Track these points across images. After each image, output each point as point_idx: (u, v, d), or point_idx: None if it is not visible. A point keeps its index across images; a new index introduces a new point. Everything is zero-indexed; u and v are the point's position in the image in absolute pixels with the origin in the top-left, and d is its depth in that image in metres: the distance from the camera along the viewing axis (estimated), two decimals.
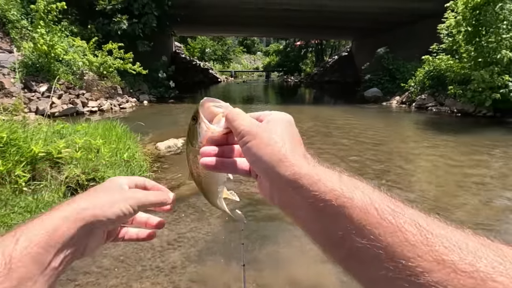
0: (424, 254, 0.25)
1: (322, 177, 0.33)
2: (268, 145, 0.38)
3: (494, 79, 6.77)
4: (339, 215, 0.30)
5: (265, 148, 0.37)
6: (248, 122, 0.41)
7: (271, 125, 0.40)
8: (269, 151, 0.37)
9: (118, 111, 8.58)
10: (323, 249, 0.34)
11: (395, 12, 13.21)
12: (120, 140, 3.45)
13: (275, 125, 0.40)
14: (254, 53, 46.72)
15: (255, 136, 0.39)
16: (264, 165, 0.37)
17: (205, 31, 24.81)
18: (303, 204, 0.34)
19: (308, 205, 0.33)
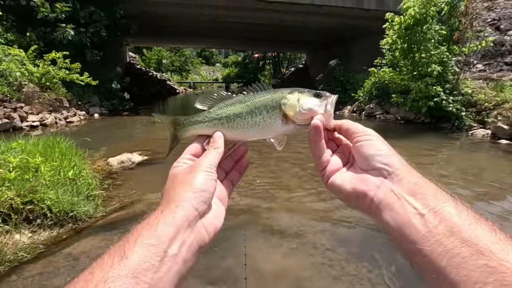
0: None
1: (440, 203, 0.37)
2: (391, 150, 0.44)
3: (428, 89, 7.62)
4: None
5: (392, 151, 0.43)
6: (366, 127, 0.47)
7: (378, 136, 0.46)
8: (397, 155, 0.43)
9: (64, 126, 7.90)
10: (403, 246, 0.37)
11: (344, 28, 14.30)
12: (65, 157, 3.16)
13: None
14: (213, 64, 46.76)
15: (379, 138, 0.45)
16: (389, 160, 0.42)
17: (161, 42, 24.24)
18: (418, 205, 0.37)
19: (426, 233, 0.35)
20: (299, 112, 0.50)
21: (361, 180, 0.43)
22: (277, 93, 0.53)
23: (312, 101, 0.50)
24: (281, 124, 0.52)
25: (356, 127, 0.47)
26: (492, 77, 8.79)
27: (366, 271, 2.05)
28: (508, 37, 9.91)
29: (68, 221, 2.50)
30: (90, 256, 2.18)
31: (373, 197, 0.41)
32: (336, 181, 0.47)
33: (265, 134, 0.53)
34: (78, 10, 9.73)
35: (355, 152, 0.46)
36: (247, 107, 0.53)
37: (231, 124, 0.53)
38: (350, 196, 0.44)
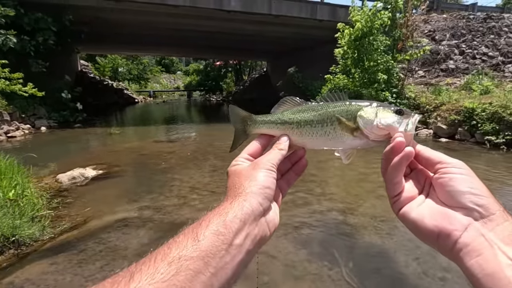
0: None
1: None
2: (487, 190, 0.38)
3: (378, 95, 8.25)
4: None
5: (486, 191, 0.37)
6: (456, 159, 0.42)
7: (470, 170, 0.41)
8: (490, 195, 0.37)
9: (5, 141, 7.13)
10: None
11: (300, 37, 14.94)
12: (4, 176, 2.86)
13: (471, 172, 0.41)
14: (174, 72, 45.71)
15: (471, 173, 0.40)
16: (485, 202, 0.36)
17: (118, 50, 23.16)
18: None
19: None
20: (375, 126, 0.46)
21: (445, 217, 0.38)
22: (354, 104, 0.50)
23: (392, 117, 0.46)
24: (352, 137, 0.49)
25: (441, 157, 0.42)
26: (431, 82, 9.80)
27: (327, 270, 2.14)
28: (442, 46, 11.15)
29: (9, 247, 2.26)
30: (36, 284, 1.98)
31: (458, 238, 0.36)
32: (412, 213, 0.41)
33: (333, 145, 0.52)
34: (22, 16, 8.90)
35: (438, 184, 0.40)
36: (319, 115, 0.52)
37: (300, 130, 0.53)
38: (428, 234, 0.39)
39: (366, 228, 2.76)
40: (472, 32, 11.54)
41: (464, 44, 11.18)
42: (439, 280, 2.04)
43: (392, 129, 0.45)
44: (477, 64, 10.14)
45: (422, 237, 0.40)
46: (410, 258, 2.29)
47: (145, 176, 4.32)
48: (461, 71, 10.20)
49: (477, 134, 6.61)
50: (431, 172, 0.43)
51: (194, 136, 8.27)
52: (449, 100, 7.69)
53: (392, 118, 0.46)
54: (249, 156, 0.52)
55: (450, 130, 7.16)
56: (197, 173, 4.42)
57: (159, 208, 3.16)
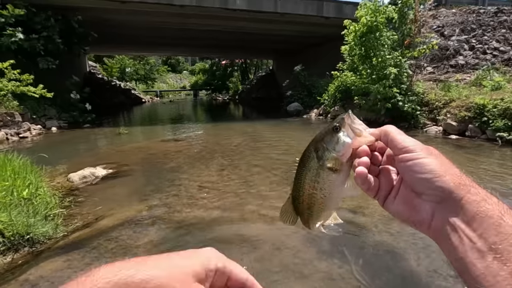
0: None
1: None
2: (447, 166, 0.38)
3: (386, 91, 8.15)
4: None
5: (444, 167, 0.37)
6: (413, 140, 0.41)
7: (435, 151, 0.40)
8: (450, 172, 0.37)
9: (17, 142, 7.29)
10: (464, 278, 0.34)
11: (306, 35, 14.86)
12: (18, 176, 2.92)
13: (437, 152, 0.40)
14: (180, 72, 45.98)
15: (431, 153, 0.39)
16: (440, 183, 0.36)
17: (125, 50, 23.43)
18: (477, 240, 0.33)
19: (483, 245, 0.32)
20: (340, 157, 0.47)
21: (413, 208, 0.40)
22: (307, 160, 0.49)
23: (339, 138, 0.47)
24: (336, 176, 0.48)
25: (396, 140, 0.41)
26: (440, 79, 9.64)
27: (337, 268, 2.13)
28: (451, 42, 10.95)
29: (24, 245, 2.31)
30: (50, 281, 2.03)
31: (429, 225, 0.38)
32: (391, 207, 0.44)
33: (336, 194, 0.49)
34: (32, 16, 9.05)
35: (401, 171, 0.42)
36: (304, 195, 0.50)
37: (316, 215, 0.51)
38: (408, 222, 0.41)
39: (376, 226, 2.74)
40: (483, 26, 11.30)
41: (474, 39, 10.96)
42: (451, 278, 2.01)
43: (349, 146, 0.46)
44: (487, 59, 9.93)
45: (406, 224, 0.42)
46: (421, 256, 2.26)
47: (153, 175, 4.37)
48: (471, 66, 10.00)
49: (488, 131, 6.49)
50: (395, 157, 0.43)
51: (201, 135, 8.31)
52: (459, 97, 7.55)
53: (339, 138, 0.47)
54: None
55: (460, 127, 7.04)
56: (204, 171, 4.44)
57: (168, 206, 3.19)
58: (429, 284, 1.99)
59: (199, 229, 2.71)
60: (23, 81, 8.00)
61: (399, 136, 0.42)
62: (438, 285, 1.97)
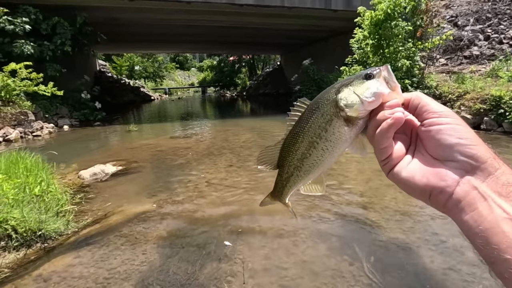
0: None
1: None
2: (476, 137, 0.36)
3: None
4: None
5: (476, 139, 0.35)
6: (444, 107, 0.38)
7: (458, 118, 0.38)
8: (483, 144, 0.35)
9: (31, 140, 7.46)
10: (486, 252, 0.32)
11: (314, 29, 14.63)
12: (30, 173, 2.98)
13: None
14: (188, 69, 46.16)
15: (460, 121, 0.37)
16: (475, 152, 0.34)
17: (133, 49, 23.63)
18: (511, 210, 0.31)
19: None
20: (365, 104, 0.41)
21: (435, 174, 0.36)
22: (322, 103, 0.44)
23: (371, 84, 0.42)
24: (348, 130, 0.43)
25: (430, 104, 0.38)
26: (454, 70, 9.35)
27: (347, 265, 2.09)
28: (465, 32, 10.58)
29: (36, 241, 2.35)
30: (62, 276, 2.06)
31: (451, 194, 0.35)
32: (402, 173, 0.39)
33: (339, 151, 0.45)
34: (40, 21, 9.22)
35: (426, 137, 0.38)
36: (303, 142, 0.45)
37: (304, 171, 0.47)
38: (420, 192, 0.37)
39: (387, 222, 2.68)
40: (499, 15, 10.87)
41: (490, 28, 10.56)
42: (466, 275, 1.94)
43: (380, 95, 0.41)
44: (504, 49, 9.56)
45: (414, 195, 0.39)
46: (435, 253, 2.19)
47: (162, 172, 4.39)
48: (487, 57, 9.65)
49: (505, 123, 6.26)
50: (419, 120, 0.40)
51: (209, 131, 8.32)
52: (473, 88, 7.30)
53: (371, 84, 0.42)
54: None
55: (475, 119, 6.82)
56: (213, 168, 4.44)
57: (177, 203, 3.20)
58: (443, 282, 1.93)
59: (208, 226, 2.70)
60: (34, 80, 8.16)
61: (432, 102, 0.39)
62: (453, 283, 1.91)
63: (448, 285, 1.90)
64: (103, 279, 2.04)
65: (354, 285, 1.89)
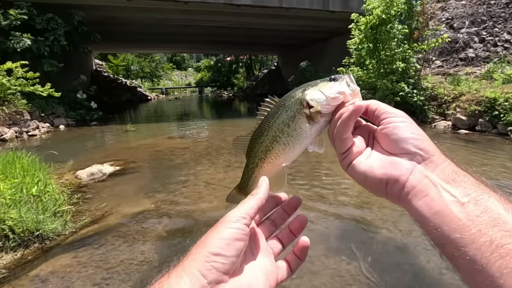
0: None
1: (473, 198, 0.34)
2: (426, 135, 0.40)
3: (393, 86, 8.02)
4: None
5: (425, 135, 0.40)
6: (399, 110, 0.43)
7: (410, 119, 0.42)
8: (429, 139, 0.40)
9: (26, 140, 7.40)
10: (438, 234, 0.35)
11: (312, 30, 14.69)
12: (27, 173, 2.96)
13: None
14: (185, 69, 46.04)
15: (412, 121, 0.41)
16: (425, 145, 0.39)
17: (129, 48, 23.52)
18: (457, 194, 0.34)
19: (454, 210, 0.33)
20: (329, 99, 0.45)
21: (391, 164, 0.39)
22: (288, 100, 0.48)
23: (335, 86, 0.46)
24: (309, 127, 0.47)
25: (385, 107, 0.43)
26: (449, 72, 9.45)
27: (345, 264, 2.11)
28: (461, 34, 10.70)
29: (33, 241, 2.34)
30: (60, 276, 2.05)
31: (405, 182, 0.37)
32: (361, 166, 0.42)
33: (301, 147, 0.48)
34: (35, 17, 9.16)
35: (381, 135, 0.42)
36: (267, 136, 0.49)
37: (268, 163, 0.49)
38: (378, 182, 0.40)
39: (385, 223, 2.70)
40: (494, 18, 11.01)
41: (485, 31, 10.69)
42: None
43: (343, 93, 0.45)
44: (498, 52, 9.68)
45: (371, 187, 0.42)
46: (432, 253, 2.22)
47: (160, 172, 4.38)
48: (482, 59, 9.77)
49: (499, 125, 6.34)
50: (376, 124, 0.44)
51: (207, 132, 8.31)
52: (468, 90, 7.39)
53: (336, 85, 0.46)
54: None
55: (470, 121, 6.90)
56: (211, 168, 4.44)
57: (175, 203, 3.20)
58: (440, 282, 1.95)
59: (206, 225, 2.70)
60: (29, 80, 8.09)
61: (388, 107, 0.44)
62: (449, 282, 1.93)
63: (445, 284, 1.93)
64: (101, 279, 2.04)
65: (352, 285, 1.91)
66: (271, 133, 0.48)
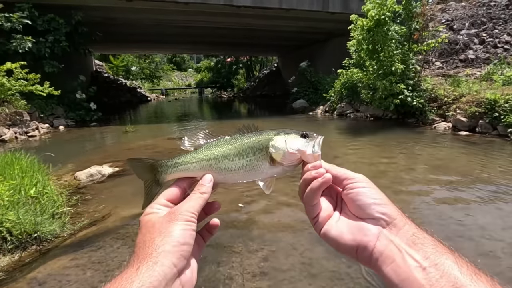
0: None
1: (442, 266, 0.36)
2: (387, 198, 0.43)
3: (393, 87, 8.01)
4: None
5: (386, 199, 0.43)
6: (359, 174, 0.47)
7: (371, 183, 0.46)
8: (391, 203, 0.43)
9: (26, 140, 7.38)
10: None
11: (312, 31, 14.71)
12: (25, 174, 2.94)
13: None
14: (185, 70, 46.07)
15: (372, 184, 0.45)
16: (387, 210, 0.41)
17: (130, 49, 23.52)
18: (419, 258, 0.36)
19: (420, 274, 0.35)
20: (287, 153, 0.49)
21: (359, 230, 0.42)
22: (263, 135, 0.52)
23: (299, 142, 0.50)
24: (269, 166, 0.50)
25: (345, 173, 0.46)
26: (449, 74, 9.45)
27: (345, 267, 2.10)
28: (461, 36, 10.71)
29: (31, 243, 2.32)
30: (57, 279, 2.03)
31: (373, 248, 0.40)
32: (332, 231, 0.44)
33: (252, 177, 0.51)
34: (36, 18, 9.16)
35: (347, 199, 0.45)
36: (234, 148, 0.51)
37: (218, 166, 0.51)
38: (349, 249, 0.42)
39: None
40: (493, 20, 11.02)
41: (485, 32, 10.70)
42: None
43: (302, 153, 0.49)
44: (498, 53, 9.68)
45: (343, 251, 0.44)
46: None
47: None
48: (482, 61, 9.78)
49: (499, 127, 6.33)
50: (339, 187, 0.47)
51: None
52: (469, 92, 7.38)
53: (299, 142, 0.50)
54: (167, 202, 0.47)
55: (470, 123, 6.89)
56: None
57: None
58: None
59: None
60: (30, 81, 8.09)
61: (343, 169, 0.47)
62: None
63: None
64: (100, 282, 2.02)
65: (353, 287, 1.90)
66: (238, 148, 0.51)
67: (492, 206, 3.03)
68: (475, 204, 3.07)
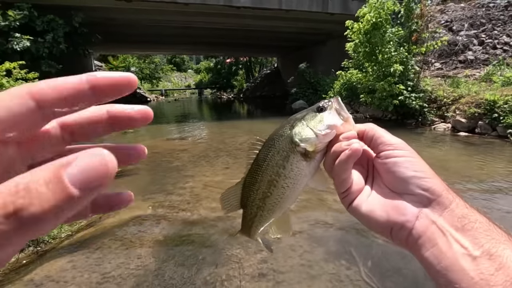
0: None
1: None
2: (431, 170, 0.36)
3: (392, 88, 8.01)
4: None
5: (430, 172, 0.36)
6: (400, 140, 0.39)
7: (412, 151, 0.38)
8: (437, 176, 0.36)
9: None
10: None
11: (311, 32, 14.73)
12: None
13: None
14: (185, 70, 46.09)
15: (414, 153, 0.37)
16: (431, 185, 0.34)
17: (129, 49, 23.53)
18: (468, 245, 0.31)
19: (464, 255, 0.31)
20: (320, 136, 0.41)
21: (394, 208, 0.36)
22: (278, 139, 0.43)
23: (324, 118, 0.42)
24: (306, 164, 0.42)
25: (384, 136, 0.39)
26: (449, 75, 9.46)
27: (345, 269, 2.08)
28: (460, 37, 10.73)
29: (28, 244, 2.30)
30: (55, 281, 2.01)
31: (411, 229, 0.34)
32: (362, 207, 0.39)
33: (300, 187, 0.44)
34: (35, 18, 9.15)
35: (382, 169, 0.38)
36: (262, 181, 0.43)
37: (268, 211, 0.45)
38: (382, 228, 0.37)
39: None
40: (493, 21, 11.04)
41: (484, 33, 10.72)
42: None
43: (334, 127, 0.41)
44: (498, 54, 9.70)
45: (375, 230, 0.38)
46: None
47: (158, 174, 4.35)
48: (481, 62, 9.79)
49: (499, 128, 6.33)
50: (374, 152, 0.40)
51: (206, 133, 8.29)
52: (468, 93, 7.38)
53: (325, 117, 0.42)
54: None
55: (469, 123, 6.89)
56: (209, 170, 4.41)
57: (173, 206, 3.17)
58: None
59: (204, 229, 2.67)
60: (29, 81, 8.06)
61: (386, 133, 0.39)
62: None
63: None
64: (97, 284, 2.00)
65: None
66: (266, 178, 0.43)
67: (492, 206, 3.02)
68: (475, 204, 3.06)
